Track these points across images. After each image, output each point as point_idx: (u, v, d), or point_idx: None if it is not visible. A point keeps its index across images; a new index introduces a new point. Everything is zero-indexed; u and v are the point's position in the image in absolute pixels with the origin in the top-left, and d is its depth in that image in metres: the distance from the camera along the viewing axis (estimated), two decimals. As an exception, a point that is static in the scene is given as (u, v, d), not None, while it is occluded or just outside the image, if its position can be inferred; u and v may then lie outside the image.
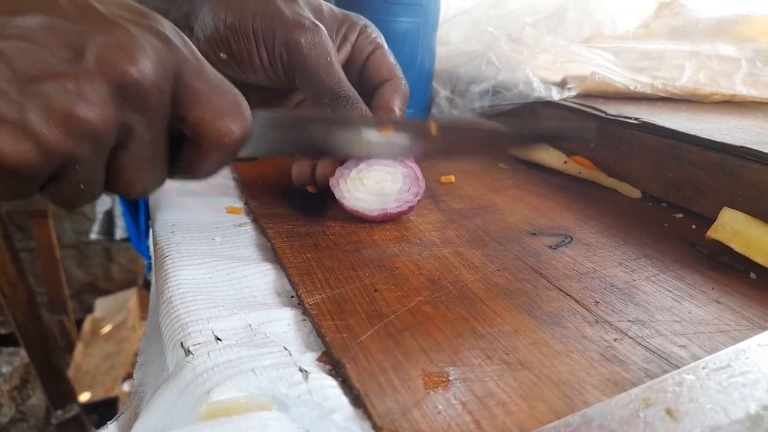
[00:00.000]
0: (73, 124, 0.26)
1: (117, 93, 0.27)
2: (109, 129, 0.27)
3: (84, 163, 0.28)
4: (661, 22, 0.62)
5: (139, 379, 0.36)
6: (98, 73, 0.26)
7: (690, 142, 0.44)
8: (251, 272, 0.34)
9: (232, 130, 0.32)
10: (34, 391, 1.60)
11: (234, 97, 0.33)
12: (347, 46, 0.46)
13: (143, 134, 0.30)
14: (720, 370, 0.23)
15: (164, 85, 0.29)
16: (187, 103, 0.31)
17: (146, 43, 0.28)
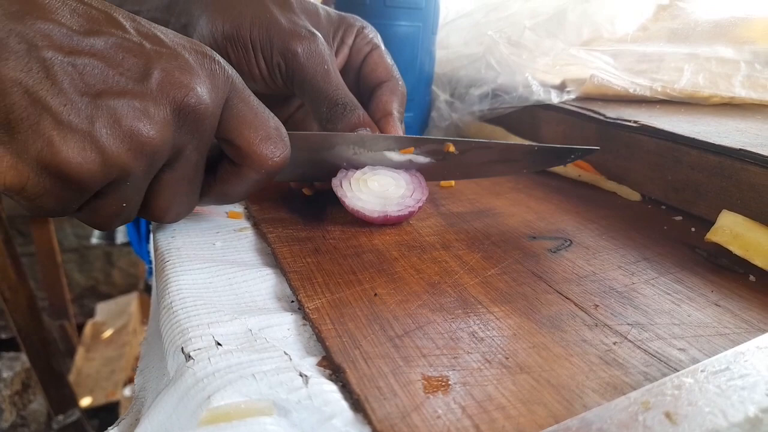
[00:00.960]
0: (136, 140, 0.27)
1: (177, 114, 0.29)
2: (165, 148, 0.29)
3: (134, 180, 0.29)
4: (660, 24, 0.62)
5: (139, 384, 0.36)
6: (162, 94, 0.28)
7: (689, 145, 0.44)
8: (252, 277, 0.34)
9: (275, 153, 0.34)
10: (36, 395, 1.60)
11: (275, 122, 0.34)
12: (345, 49, 0.46)
13: (190, 156, 0.32)
14: (719, 373, 0.23)
15: (217, 109, 0.31)
16: (234, 126, 0.32)
17: (204, 70, 0.30)
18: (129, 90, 0.27)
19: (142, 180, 0.30)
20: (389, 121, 0.44)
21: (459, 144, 0.41)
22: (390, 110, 0.44)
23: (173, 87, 0.29)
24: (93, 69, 0.26)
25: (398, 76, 0.47)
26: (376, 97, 0.45)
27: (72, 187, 0.27)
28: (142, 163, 0.28)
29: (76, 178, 0.26)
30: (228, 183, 0.35)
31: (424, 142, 0.41)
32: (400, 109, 0.45)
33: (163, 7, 0.43)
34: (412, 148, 0.41)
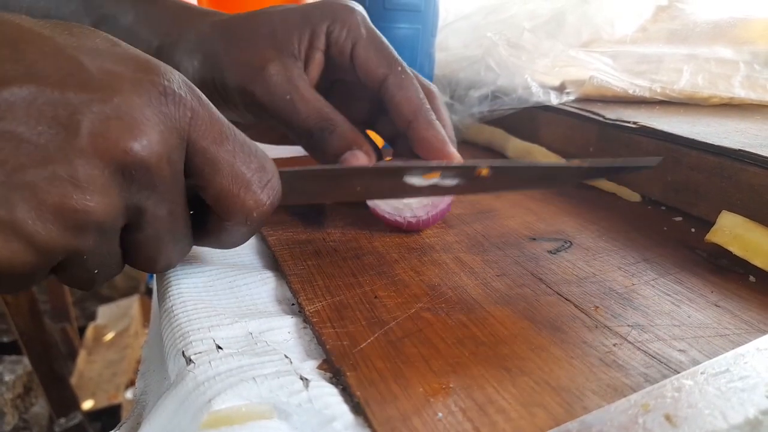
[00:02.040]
0: (69, 216, 0.22)
1: (119, 174, 0.23)
2: (113, 216, 0.24)
3: (91, 253, 0.24)
4: (659, 25, 0.62)
5: (141, 388, 0.36)
6: (94, 153, 0.22)
7: (688, 146, 0.44)
8: (252, 280, 0.34)
9: (259, 200, 0.28)
10: (37, 399, 1.60)
11: (259, 162, 0.28)
12: (316, 55, 0.39)
13: (157, 211, 0.26)
14: (719, 375, 0.23)
15: (173, 154, 0.25)
16: (205, 172, 0.27)
17: (150, 109, 0.24)
18: (51, 157, 0.21)
19: (101, 249, 0.25)
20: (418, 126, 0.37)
21: (495, 168, 0.34)
22: (411, 113, 0.38)
23: (108, 141, 0.22)
24: (1, 138, 0.21)
25: (399, 63, 0.39)
26: (387, 102, 0.39)
27: (13, 277, 0.22)
28: (88, 238, 0.23)
29: (10, 272, 0.22)
30: (216, 235, 0.30)
31: (454, 168, 0.34)
32: (422, 101, 0.38)
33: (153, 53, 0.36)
34: (438, 173, 0.34)
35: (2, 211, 0.21)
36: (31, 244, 0.22)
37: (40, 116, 0.21)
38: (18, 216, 0.21)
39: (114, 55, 0.24)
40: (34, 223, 0.21)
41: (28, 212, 0.21)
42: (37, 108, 0.21)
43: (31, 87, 0.21)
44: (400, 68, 0.39)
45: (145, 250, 0.27)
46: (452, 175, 0.34)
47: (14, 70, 0.21)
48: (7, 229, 0.21)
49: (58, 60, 0.22)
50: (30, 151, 0.21)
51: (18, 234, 0.21)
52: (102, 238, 0.24)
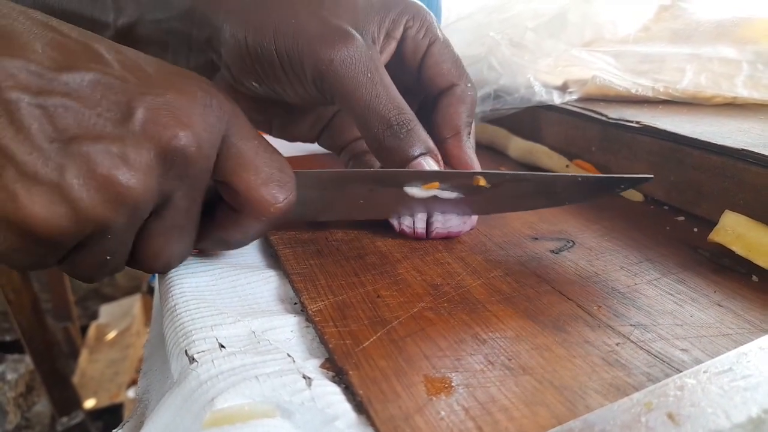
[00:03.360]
0: (113, 190, 0.24)
1: (162, 159, 0.26)
2: (149, 197, 0.26)
3: (116, 232, 0.26)
4: (662, 25, 0.62)
5: (143, 387, 0.36)
6: (145, 137, 0.25)
7: (691, 146, 0.44)
8: (255, 279, 0.34)
9: (277, 197, 0.29)
10: (40, 398, 1.61)
11: (280, 163, 0.30)
12: (391, 43, 0.38)
13: (180, 203, 0.28)
14: (721, 374, 0.23)
15: (211, 150, 0.27)
16: (231, 167, 0.29)
17: (195, 107, 0.26)
18: (107, 133, 0.24)
19: (125, 232, 0.27)
20: (458, 143, 0.38)
21: (490, 177, 0.35)
22: (459, 127, 0.38)
23: (158, 128, 0.25)
24: (65, 111, 0.23)
25: (467, 75, 0.39)
26: (442, 108, 0.38)
27: (42, 243, 0.24)
28: (121, 216, 0.25)
29: (45, 235, 0.23)
30: (226, 230, 0.31)
31: (451, 177, 0.35)
32: (470, 120, 0.39)
33: (184, 16, 0.37)
34: (436, 183, 0.35)
35: (55, 174, 0.23)
36: (72, 208, 0.23)
37: (102, 98, 0.24)
38: (68, 180, 0.23)
39: (163, 64, 0.28)
40: (80, 189, 0.23)
41: (77, 178, 0.23)
42: (100, 91, 0.24)
43: (98, 73, 0.24)
44: (470, 83, 0.39)
45: (155, 242, 0.29)
46: (451, 185, 0.35)
47: (85, 58, 0.25)
48: (55, 191, 0.23)
49: (121, 58, 0.26)
50: (89, 126, 0.24)
51: (64, 198, 0.23)
52: (131, 220, 0.26)
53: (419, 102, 0.41)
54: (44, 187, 0.23)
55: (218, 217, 0.31)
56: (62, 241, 0.24)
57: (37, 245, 0.24)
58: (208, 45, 0.37)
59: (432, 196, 0.36)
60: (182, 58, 0.39)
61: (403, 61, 0.39)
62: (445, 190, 0.36)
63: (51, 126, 0.23)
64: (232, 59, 0.36)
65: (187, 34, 0.37)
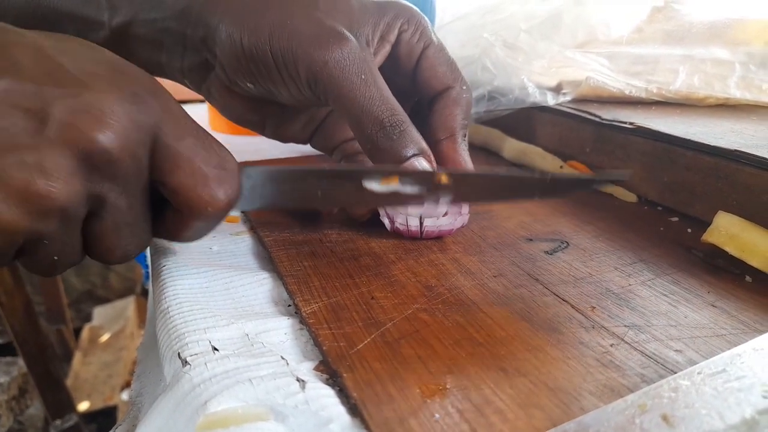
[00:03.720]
0: (33, 200, 0.23)
1: (84, 163, 0.25)
2: (75, 202, 0.25)
3: (52, 239, 0.26)
4: (655, 26, 0.62)
5: (137, 390, 0.36)
6: (62, 142, 0.24)
7: (684, 146, 0.44)
8: (248, 281, 0.34)
9: (216, 197, 0.29)
10: (33, 401, 1.60)
11: (219, 159, 0.29)
12: (385, 47, 0.38)
13: (117, 202, 0.27)
14: (715, 375, 0.23)
15: (138, 150, 0.26)
16: (165, 167, 0.28)
17: (117, 105, 0.25)
18: (19, 144, 0.23)
19: (63, 236, 0.26)
20: (452, 145, 0.38)
21: (454, 176, 0.34)
22: (454, 129, 0.38)
23: (74, 131, 0.24)
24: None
25: (462, 78, 0.39)
26: (437, 110, 0.38)
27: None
28: (50, 223, 0.25)
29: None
30: (174, 227, 0.31)
31: (409, 174, 0.34)
32: (465, 122, 0.39)
33: (179, 15, 0.37)
34: (395, 178, 0.34)
35: None
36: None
37: (14, 107, 0.23)
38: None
39: (91, 58, 0.26)
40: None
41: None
42: (11, 99, 0.23)
43: (8, 80, 0.23)
44: (465, 86, 0.39)
45: (104, 240, 0.28)
46: (411, 181, 0.34)
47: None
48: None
49: (38, 58, 0.25)
50: (3, 140, 0.23)
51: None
52: (64, 225, 0.25)
53: (413, 105, 0.41)
54: None
55: (166, 215, 0.30)
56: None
57: None
58: (203, 44, 0.37)
59: (392, 191, 0.34)
60: (177, 58, 0.39)
61: (398, 65, 0.39)
62: (406, 185, 0.34)
63: None
64: (227, 59, 0.36)
65: (182, 33, 0.37)
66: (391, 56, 0.39)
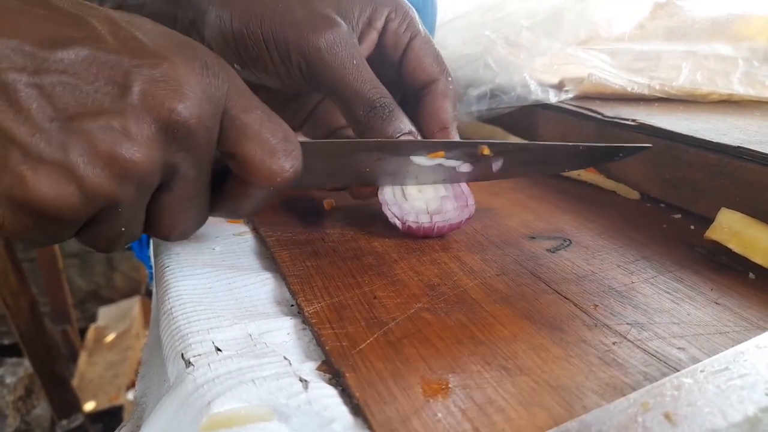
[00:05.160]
0: (118, 164, 0.24)
1: (163, 131, 0.26)
2: (154, 170, 0.26)
3: (126, 206, 0.26)
4: (657, 23, 0.62)
5: (141, 390, 0.36)
6: (144, 110, 0.25)
7: (687, 143, 0.44)
8: (251, 281, 0.34)
9: (283, 167, 0.29)
10: (39, 401, 1.61)
11: (284, 132, 0.30)
12: (372, 34, 0.39)
13: (188, 173, 0.28)
14: (718, 373, 0.23)
15: (212, 121, 0.27)
16: (235, 139, 0.29)
17: (193, 77, 0.26)
18: (106, 109, 0.24)
19: (136, 205, 0.27)
20: (447, 137, 0.39)
21: (494, 146, 0.36)
22: (447, 122, 0.39)
23: (157, 101, 0.25)
24: (63, 89, 0.23)
25: (447, 70, 0.40)
26: (427, 104, 0.39)
27: (54, 221, 0.24)
28: (129, 189, 0.26)
29: (56, 214, 0.24)
30: (235, 199, 0.31)
31: (456, 146, 0.36)
32: (455, 114, 0.39)
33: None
34: (442, 152, 0.36)
35: (59, 154, 0.23)
36: (80, 186, 0.24)
37: (98, 74, 0.24)
38: (72, 159, 0.23)
39: (161, 33, 0.27)
40: (85, 166, 0.24)
41: (82, 156, 0.24)
42: (96, 66, 0.24)
43: (92, 48, 0.24)
44: (450, 77, 0.40)
45: (169, 213, 0.29)
46: (456, 154, 0.36)
47: (78, 33, 0.24)
48: (61, 170, 0.23)
49: (114, 30, 0.26)
50: (87, 103, 0.24)
51: (71, 176, 0.23)
52: (139, 192, 0.26)
53: (399, 96, 0.41)
54: (50, 167, 0.23)
55: (227, 187, 0.31)
56: (72, 219, 0.25)
57: (49, 224, 0.25)
58: (192, 26, 0.38)
59: (437, 164, 0.36)
60: None
61: (384, 55, 0.40)
62: (450, 159, 0.37)
63: (50, 105, 0.23)
64: (215, 41, 0.37)
65: (172, 15, 0.38)
66: (378, 46, 0.40)
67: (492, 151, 0.36)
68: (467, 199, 0.39)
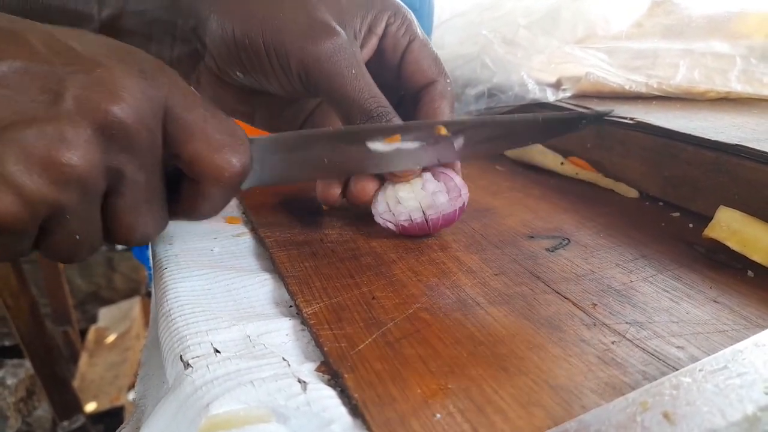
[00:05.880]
0: (55, 170, 0.24)
1: (101, 134, 0.26)
2: (94, 173, 0.26)
3: (73, 212, 0.26)
4: (655, 21, 0.62)
5: (140, 392, 0.36)
6: (78, 114, 0.25)
7: (685, 141, 0.44)
8: (250, 282, 0.34)
9: (231, 162, 0.30)
10: (40, 402, 1.61)
11: (230, 128, 0.31)
12: (372, 39, 0.39)
13: (135, 176, 0.28)
14: (717, 372, 0.23)
15: (152, 122, 0.28)
16: (180, 138, 0.29)
17: (128, 80, 0.27)
18: (39, 117, 0.24)
19: (84, 210, 0.27)
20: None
21: (452, 125, 0.36)
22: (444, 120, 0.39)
23: (91, 104, 0.25)
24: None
25: (446, 72, 0.41)
26: (425, 104, 0.39)
27: (4, 235, 0.24)
28: (72, 194, 0.25)
29: (1, 225, 0.24)
30: (191, 200, 0.32)
31: (412, 128, 0.36)
32: (452, 115, 0.40)
33: (169, 6, 0.38)
34: (397, 136, 0.36)
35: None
36: (19, 195, 0.24)
37: (32, 84, 0.24)
38: (8, 168, 0.23)
39: (98, 42, 0.28)
40: (22, 175, 0.24)
41: (17, 165, 0.23)
42: (29, 77, 0.24)
43: (25, 60, 0.25)
44: (448, 79, 0.40)
45: (124, 218, 0.29)
46: (413, 136, 0.36)
47: (11, 47, 0.25)
48: None
49: (49, 42, 0.26)
50: (21, 112, 0.24)
51: (8, 186, 0.23)
52: (84, 197, 0.26)
53: (398, 99, 0.41)
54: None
55: (182, 190, 0.32)
56: (20, 229, 0.24)
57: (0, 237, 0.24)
58: (193, 34, 0.38)
59: (395, 149, 0.36)
60: (166, 48, 0.39)
61: (383, 58, 0.40)
62: (406, 142, 0.36)
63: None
64: (217, 49, 0.37)
65: (172, 23, 0.38)
66: (377, 50, 0.40)
67: (449, 130, 0.36)
68: (460, 190, 0.39)
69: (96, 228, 0.29)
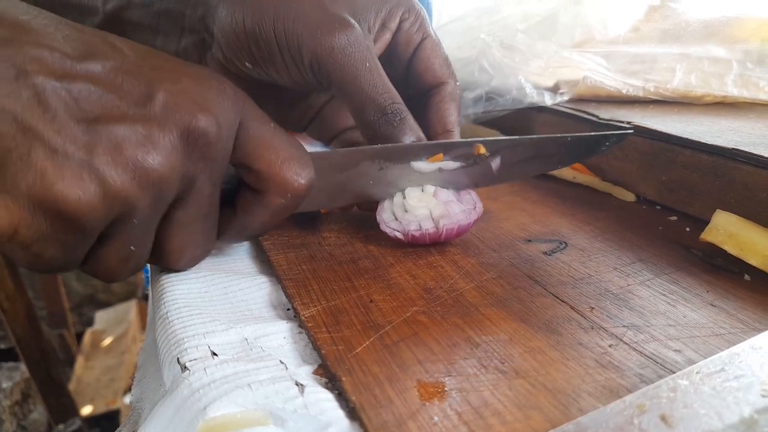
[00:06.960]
0: (140, 168, 0.25)
1: (185, 140, 0.27)
2: (174, 178, 0.26)
3: (142, 216, 0.27)
4: (652, 25, 0.62)
5: (137, 395, 0.36)
6: (167, 118, 0.26)
7: (682, 145, 0.44)
8: (247, 285, 0.34)
9: (300, 175, 0.31)
10: (36, 405, 1.60)
11: (296, 143, 0.31)
12: (386, 34, 0.39)
13: (203, 187, 0.29)
14: (714, 375, 0.23)
15: (229, 134, 0.29)
16: (252, 149, 0.30)
17: (211, 92, 0.28)
18: (130, 115, 0.25)
19: (151, 216, 0.27)
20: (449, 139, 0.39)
21: (489, 144, 0.37)
22: (451, 125, 0.39)
23: (179, 110, 0.26)
24: (89, 94, 0.24)
25: (455, 74, 0.41)
26: (434, 105, 0.39)
27: (71, 226, 0.24)
28: (148, 196, 0.26)
29: (75, 214, 0.24)
30: (250, 213, 0.32)
31: (453, 147, 0.37)
32: (459, 118, 0.40)
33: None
34: (440, 155, 0.36)
35: (83, 152, 0.24)
36: (101, 185, 0.24)
37: (123, 83, 0.25)
38: (96, 158, 0.24)
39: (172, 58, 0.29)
40: (108, 167, 0.24)
41: (105, 156, 0.24)
42: (121, 76, 0.26)
43: (117, 61, 0.26)
44: (457, 81, 0.41)
45: (180, 233, 0.30)
46: (454, 155, 0.37)
47: (104, 49, 0.26)
48: (84, 169, 0.24)
49: (134, 47, 0.28)
50: (112, 108, 0.25)
51: (93, 174, 0.24)
52: (156, 202, 0.27)
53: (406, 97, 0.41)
54: (74, 165, 0.23)
55: (240, 203, 0.32)
56: (90, 222, 0.25)
57: (65, 229, 0.24)
58: (202, 23, 0.38)
59: (437, 169, 0.37)
60: (173, 40, 0.39)
61: (394, 54, 0.40)
62: (448, 161, 0.37)
63: (77, 108, 0.24)
64: (226, 38, 0.37)
65: (181, 13, 0.38)
66: (389, 45, 0.40)
67: (487, 149, 0.37)
68: (475, 203, 0.39)
69: (149, 241, 0.29)
